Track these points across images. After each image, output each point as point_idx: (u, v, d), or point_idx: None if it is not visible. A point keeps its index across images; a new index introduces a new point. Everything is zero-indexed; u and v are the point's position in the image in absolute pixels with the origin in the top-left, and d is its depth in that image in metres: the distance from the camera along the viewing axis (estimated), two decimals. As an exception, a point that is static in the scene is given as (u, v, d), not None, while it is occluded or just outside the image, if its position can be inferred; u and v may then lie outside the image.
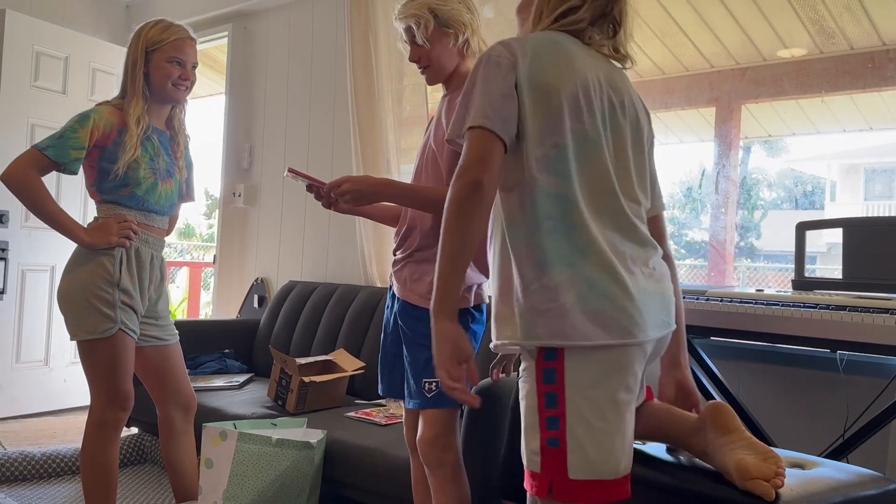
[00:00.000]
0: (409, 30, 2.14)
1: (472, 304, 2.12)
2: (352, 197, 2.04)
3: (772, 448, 1.59)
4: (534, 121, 1.47)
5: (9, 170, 2.29)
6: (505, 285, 1.50)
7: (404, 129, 3.76)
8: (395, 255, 2.23)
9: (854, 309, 2.00)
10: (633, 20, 1.65)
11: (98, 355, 2.34)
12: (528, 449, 1.45)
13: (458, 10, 2.13)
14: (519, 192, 1.48)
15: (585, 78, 1.51)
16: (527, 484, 1.46)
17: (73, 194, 4.58)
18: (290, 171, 2.16)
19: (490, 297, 1.60)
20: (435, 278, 1.45)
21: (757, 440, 1.56)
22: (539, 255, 1.44)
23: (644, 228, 1.56)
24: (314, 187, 2.15)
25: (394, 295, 2.22)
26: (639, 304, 1.44)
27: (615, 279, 1.43)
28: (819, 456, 1.87)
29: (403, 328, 2.14)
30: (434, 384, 2.04)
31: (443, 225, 1.45)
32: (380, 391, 2.29)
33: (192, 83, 2.52)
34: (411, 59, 2.17)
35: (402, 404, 2.25)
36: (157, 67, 2.44)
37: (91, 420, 2.38)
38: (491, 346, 1.55)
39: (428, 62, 2.15)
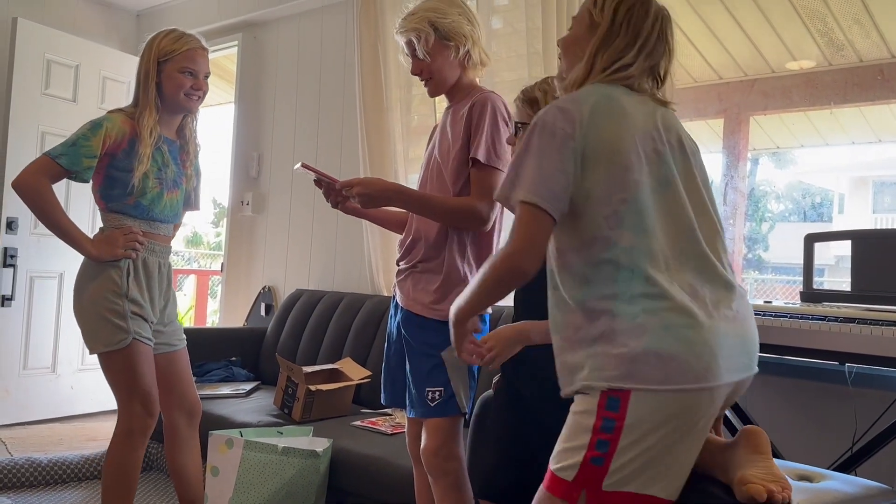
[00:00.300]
0: (409, 43, 2.14)
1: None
2: (362, 199, 2.04)
3: (781, 461, 1.58)
4: (599, 183, 1.48)
5: (20, 177, 2.30)
6: (573, 335, 1.51)
7: (412, 139, 3.77)
8: (398, 265, 2.23)
9: (863, 321, 1.99)
10: (675, 73, 1.69)
11: (118, 366, 2.35)
12: (566, 461, 1.46)
13: (458, 22, 2.13)
14: (588, 252, 1.50)
15: (644, 126, 1.53)
16: (551, 486, 1.47)
17: (82, 202, 4.60)
18: (303, 165, 2.17)
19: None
20: (465, 299, 1.56)
21: (777, 468, 1.55)
22: (613, 305, 1.45)
23: (725, 268, 1.55)
24: (324, 183, 2.16)
25: (397, 305, 2.22)
26: (716, 349, 1.43)
27: (691, 324, 1.43)
28: (827, 469, 1.86)
29: (407, 337, 2.14)
30: (437, 393, 2.04)
31: (481, 280, 1.52)
32: (383, 401, 2.30)
33: (205, 93, 2.53)
34: (413, 73, 2.18)
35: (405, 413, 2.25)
36: (170, 78, 2.45)
37: (119, 429, 2.38)
38: (562, 394, 1.55)
39: (430, 75, 2.16)
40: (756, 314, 2.20)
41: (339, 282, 4.19)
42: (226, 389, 3.55)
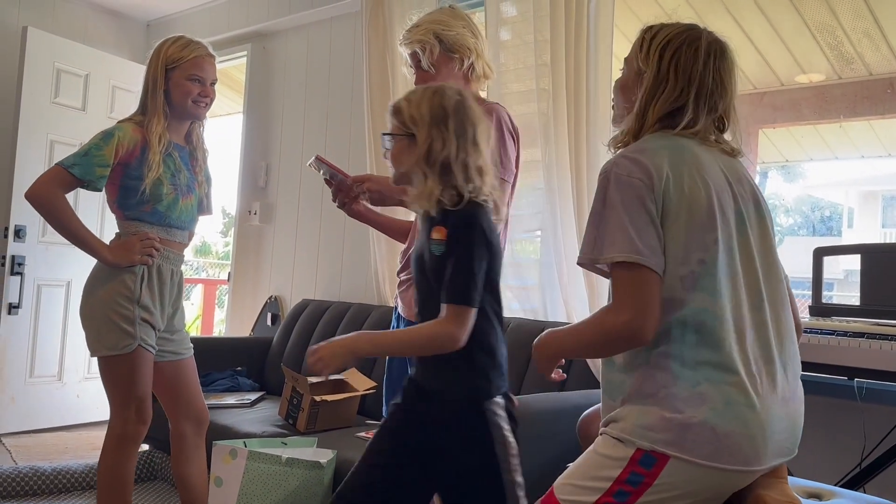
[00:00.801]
0: (414, 55, 2.14)
1: None
2: (373, 196, 2.03)
3: (790, 478, 1.56)
4: (676, 240, 1.43)
5: (33, 188, 2.31)
6: (623, 385, 1.48)
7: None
8: (399, 276, 2.22)
9: (872, 336, 1.97)
10: (738, 116, 1.61)
11: (118, 371, 2.34)
12: (577, 496, 1.44)
13: (462, 34, 2.13)
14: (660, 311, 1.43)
15: (718, 182, 1.48)
16: None
17: (91, 209, 4.61)
18: (318, 158, 2.14)
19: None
20: (568, 343, 1.53)
21: (791, 491, 1.51)
22: (674, 366, 1.41)
23: (787, 336, 1.51)
24: (335, 181, 2.14)
25: (398, 315, 2.20)
26: (768, 433, 1.40)
27: (750, 403, 1.39)
28: (836, 485, 1.84)
29: None
30: None
31: (590, 338, 1.46)
32: (385, 414, 2.26)
33: (212, 100, 2.53)
34: (417, 85, 2.16)
35: None
36: (177, 85, 2.45)
37: (110, 434, 2.37)
38: (600, 428, 1.52)
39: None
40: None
41: (345, 292, 4.18)
42: (231, 399, 3.54)
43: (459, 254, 1.58)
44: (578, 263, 1.50)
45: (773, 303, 1.49)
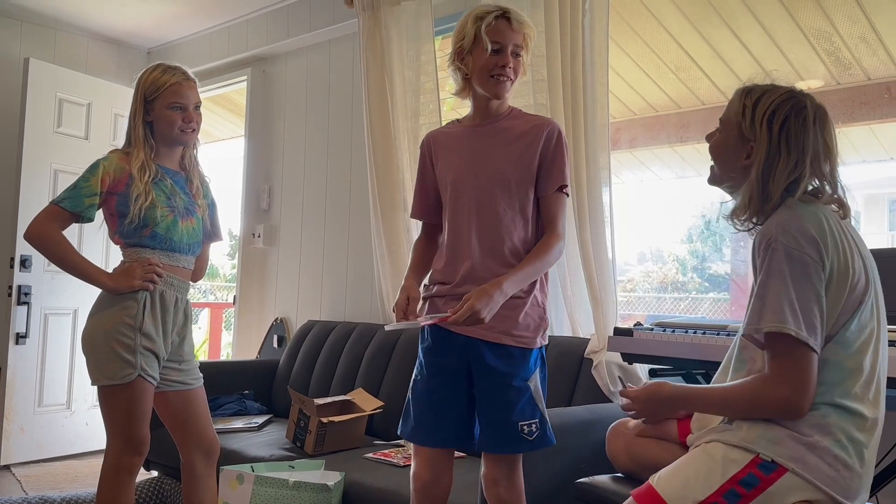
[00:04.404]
0: (524, 41, 2.05)
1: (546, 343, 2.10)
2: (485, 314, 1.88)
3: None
4: (834, 308, 1.51)
5: (29, 227, 2.35)
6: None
7: (421, 168, 3.77)
8: (453, 290, 2.06)
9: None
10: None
11: (116, 401, 2.34)
12: (682, 493, 1.51)
13: None
14: None
15: (855, 249, 1.56)
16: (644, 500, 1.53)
17: (96, 241, 4.61)
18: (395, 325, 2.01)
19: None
20: (710, 404, 1.61)
21: None
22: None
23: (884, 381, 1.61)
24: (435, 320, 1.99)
25: (450, 334, 2.05)
26: (871, 474, 1.52)
27: (871, 447, 1.52)
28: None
29: (488, 369, 2.00)
30: (534, 425, 1.97)
31: (737, 404, 1.53)
32: (422, 441, 2.09)
33: (198, 123, 2.51)
34: (507, 67, 2.02)
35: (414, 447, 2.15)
36: (160, 117, 2.45)
37: (107, 465, 2.37)
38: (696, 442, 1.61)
39: (514, 77, 2.07)
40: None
41: (350, 312, 4.18)
42: (238, 423, 3.54)
43: None
44: (743, 335, 1.57)
45: (881, 358, 1.59)
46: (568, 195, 2.10)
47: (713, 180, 1.76)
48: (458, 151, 2.14)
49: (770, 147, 1.58)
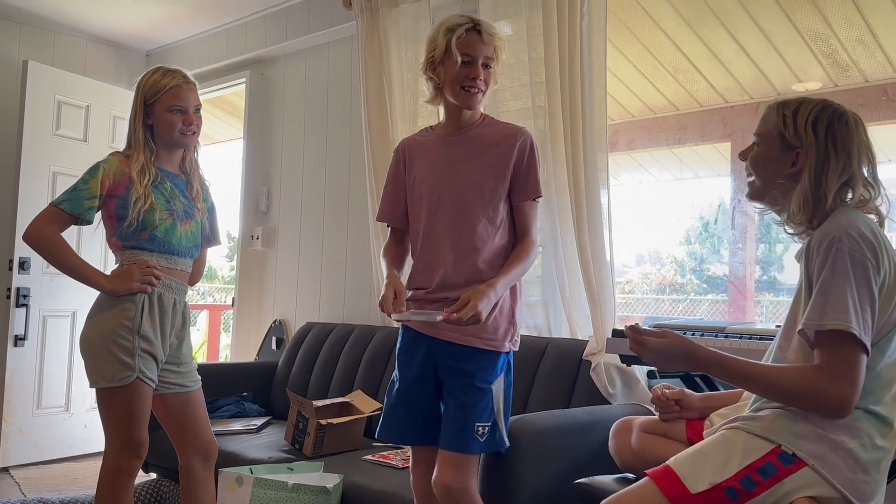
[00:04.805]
0: (494, 52, 2.08)
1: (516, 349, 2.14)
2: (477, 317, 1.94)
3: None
4: (882, 315, 1.54)
5: (28, 229, 2.35)
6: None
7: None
8: (430, 294, 2.12)
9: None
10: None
11: (115, 403, 2.34)
12: (699, 474, 1.52)
13: None
14: None
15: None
16: (665, 485, 1.53)
17: (93, 244, 4.60)
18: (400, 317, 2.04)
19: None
20: (743, 376, 1.59)
21: None
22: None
23: None
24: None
25: (419, 336, 2.12)
26: (882, 485, 1.54)
27: (884, 459, 1.54)
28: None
29: (453, 370, 2.06)
30: (486, 428, 2.01)
31: (784, 387, 1.52)
32: (398, 441, 2.18)
33: (198, 126, 2.52)
34: (477, 79, 2.07)
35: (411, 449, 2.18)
36: (160, 120, 2.45)
37: (105, 467, 2.37)
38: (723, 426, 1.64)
39: (485, 89, 2.11)
40: (765, 338, 2.18)
41: (349, 314, 4.18)
42: (237, 425, 3.54)
43: None
44: (803, 330, 1.55)
45: None
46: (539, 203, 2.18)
47: (755, 195, 1.78)
48: (432, 160, 2.18)
49: (819, 150, 1.63)
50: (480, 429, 2.01)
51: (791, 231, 1.70)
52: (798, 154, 1.66)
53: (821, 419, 1.51)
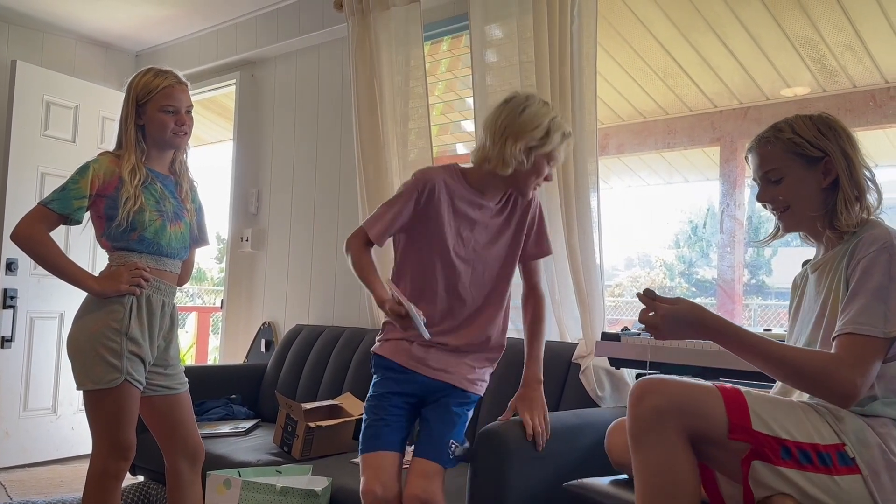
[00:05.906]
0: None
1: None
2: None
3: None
4: None
5: (17, 228, 2.33)
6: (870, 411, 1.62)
7: (409, 173, 3.77)
8: (449, 344, 2.19)
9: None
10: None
11: (102, 405, 2.33)
12: (770, 422, 1.54)
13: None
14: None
15: None
16: (732, 403, 1.55)
17: (82, 246, 4.59)
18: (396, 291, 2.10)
19: None
20: (749, 350, 1.60)
21: None
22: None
23: None
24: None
25: (415, 375, 2.18)
26: None
27: None
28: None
29: (443, 403, 2.17)
30: (455, 447, 2.11)
31: (801, 367, 1.53)
32: (372, 447, 2.16)
33: (190, 127, 2.52)
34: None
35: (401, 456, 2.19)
36: (152, 120, 2.44)
37: (92, 470, 2.35)
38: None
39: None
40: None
41: (338, 316, 4.18)
42: (225, 428, 3.52)
43: None
44: (867, 335, 1.54)
45: None
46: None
47: (793, 224, 1.81)
48: (462, 220, 2.19)
49: (841, 147, 1.69)
50: (453, 445, 2.10)
51: (845, 229, 1.69)
52: (827, 162, 1.69)
53: (884, 436, 1.52)
